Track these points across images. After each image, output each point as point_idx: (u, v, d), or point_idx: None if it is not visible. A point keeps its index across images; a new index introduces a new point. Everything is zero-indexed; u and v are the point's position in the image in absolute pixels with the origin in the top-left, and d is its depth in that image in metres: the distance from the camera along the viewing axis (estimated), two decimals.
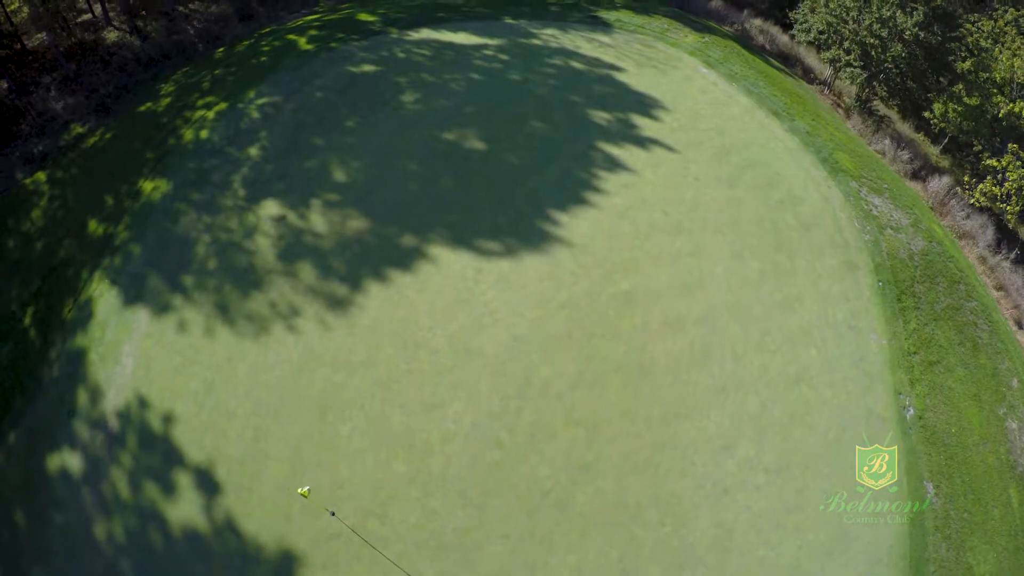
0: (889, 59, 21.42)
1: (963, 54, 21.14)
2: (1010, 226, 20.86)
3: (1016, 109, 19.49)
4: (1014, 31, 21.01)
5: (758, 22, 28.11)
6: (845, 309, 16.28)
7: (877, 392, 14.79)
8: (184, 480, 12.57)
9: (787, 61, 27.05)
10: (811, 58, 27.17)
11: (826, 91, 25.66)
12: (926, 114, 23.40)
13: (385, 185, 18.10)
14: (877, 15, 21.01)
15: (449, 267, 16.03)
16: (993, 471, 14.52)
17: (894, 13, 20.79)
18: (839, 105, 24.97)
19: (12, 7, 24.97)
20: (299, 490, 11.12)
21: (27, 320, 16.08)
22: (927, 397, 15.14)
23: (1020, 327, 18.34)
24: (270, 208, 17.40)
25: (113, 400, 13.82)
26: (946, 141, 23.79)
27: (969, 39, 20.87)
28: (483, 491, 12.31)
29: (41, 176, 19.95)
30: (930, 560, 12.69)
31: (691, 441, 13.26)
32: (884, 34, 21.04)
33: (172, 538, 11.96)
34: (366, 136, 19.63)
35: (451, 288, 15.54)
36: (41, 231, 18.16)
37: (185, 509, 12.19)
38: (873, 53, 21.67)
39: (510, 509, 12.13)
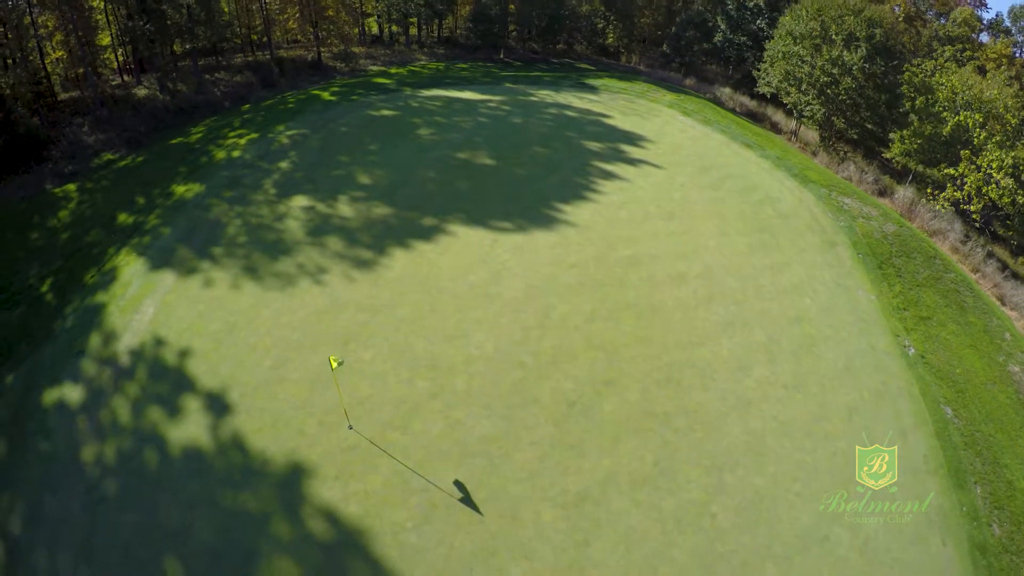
0: (843, 91, 25.98)
1: (912, 94, 25.63)
2: (976, 224, 23.40)
3: (961, 119, 23.38)
4: (953, 64, 26.03)
5: (728, 90, 33.94)
6: (831, 273, 17.87)
7: (875, 333, 15.74)
8: (192, 404, 12.43)
9: (756, 118, 32.34)
10: (778, 116, 32.34)
11: (793, 138, 30.22)
12: (886, 154, 27.48)
13: (406, 186, 20.44)
14: (827, 57, 26.03)
15: (467, 238, 17.63)
16: (1008, 407, 14.88)
17: (841, 53, 25.82)
18: (805, 148, 29.22)
19: (53, 56, 28.07)
20: (330, 359, 10.86)
21: (44, 288, 16.48)
22: (925, 343, 16.04)
23: (1003, 303, 19.74)
24: (299, 201, 19.30)
25: (127, 341, 14.07)
26: (910, 178, 27.39)
27: (915, 79, 25.53)
28: (508, 404, 12.36)
29: (71, 187, 21.36)
30: (968, 471, 12.51)
31: (708, 363, 13.77)
32: (835, 72, 25.86)
33: (168, 457, 11.47)
34: (387, 155, 22.57)
35: (470, 252, 16.96)
36: (67, 225, 19.12)
37: (188, 430, 11.90)
38: (828, 91, 26.31)
39: (536, 419, 12.10)
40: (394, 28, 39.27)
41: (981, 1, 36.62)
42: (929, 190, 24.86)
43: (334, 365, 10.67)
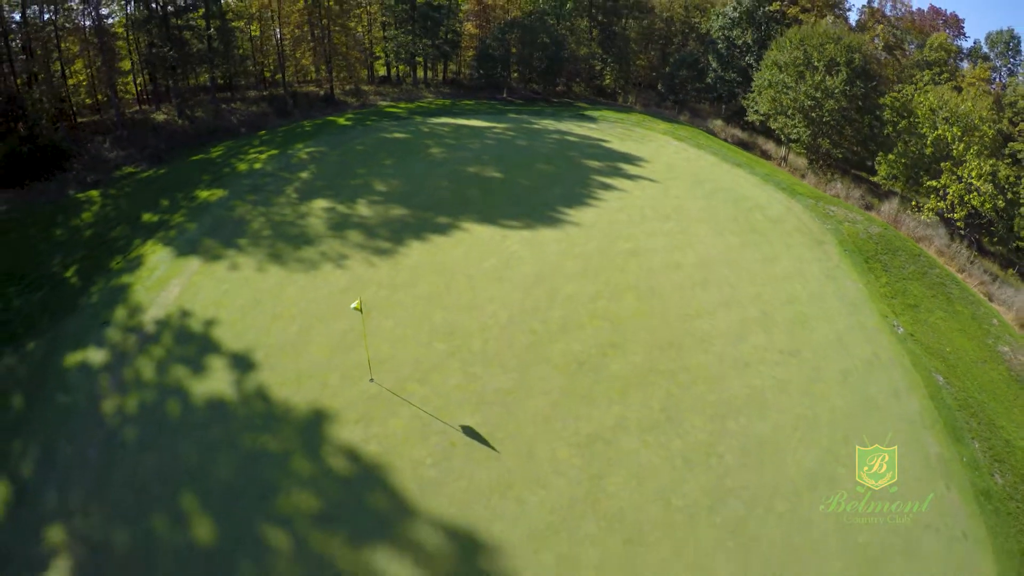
0: (826, 113, 28.40)
1: (894, 118, 27.98)
2: (961, 232, 24.95)
3: (940, 133, 25.51)
4: (931, 86, 28.62)
5: (719, 122, 36.74)
6: (819, 266, 19.20)
7: (864, 314, 16.82)
8: (217, 363, 13.21)
9: (746, 147, 34.95)
10: (768, 145, 34.86)
11: (782, 164, 32.51)
12: (874, 178, 29.61)
13: (420, 193, 22.19)
14: (810, 83, 28.67)
15: (479, 233, 19.11)
16: (1000, 382, 15.66)
17: (823, 78, 28.45)
18: (794, 172, 31.40)
19: (74, 80, 30.48)
20: (353, 304, 11.75)
21: (67, 273, 17.27)
22: (913, 325, 17.07)
23: (991, 300, 20.85)
24: (320, 203, 20.92)
25: (153, 313, 14.95)
26: (896, 200, 29.31)
27: (897, 104, 27.98)
28: (521, 362, 13.23)
29: (93, 193, 22.57)
30: (964, 429, 13.15)
31: (705, 332, 14.81)
32: (818, 96, 28.40)
33: (191, 408, 12.08)
34: (402, 168, 24.55)
35: (482, 244, 18.36)
36: (91, 224, 20.22)
37: (212, 384, 12.60)
38: (813, 114, 28.77)
39: (548, 374, 12.93)
40: (402, 68, 42.80)
41: (959, 30, 39.86)
42: (914, 203, 26.67)
43: (358, 306, 11.62)
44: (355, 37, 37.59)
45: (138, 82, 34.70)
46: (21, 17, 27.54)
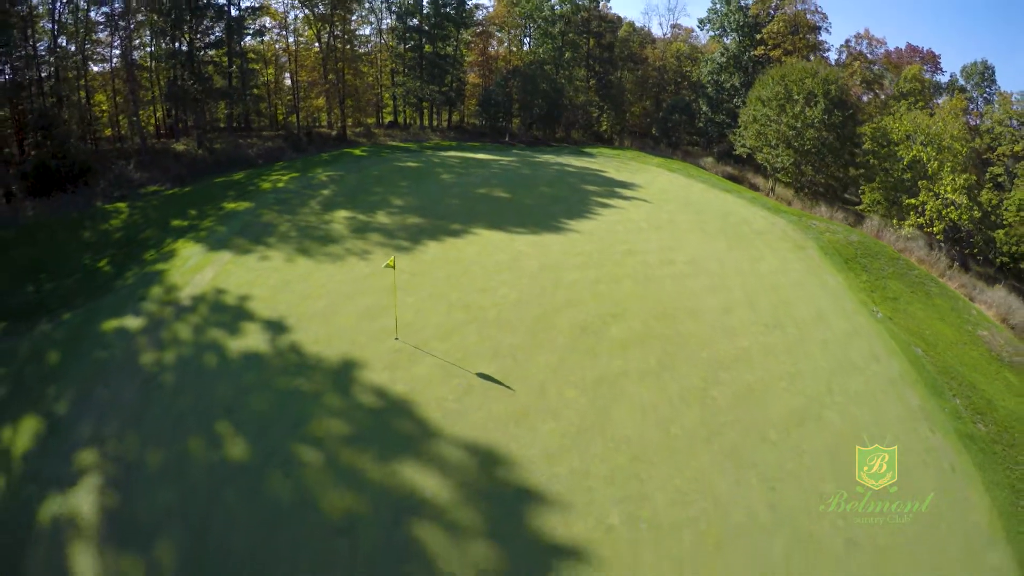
0: (807, 141, 31.41)
1: (874, 147, 30.91)
2: (941, 244, 27.04)
3: (916, 153, 28.22)
4: (907, 112, 31.80)
5: (710, 160, 40.07)
6: (801, 265, 21.20)
7: (845, 301, 18.55)
8: (251, 327, 14.71)
9: (736, 180, 37.86)
10: (757, 179, 37.87)
11: (770, 195, 35.24)
12: (859, 208, 32.19)
13: (435, 207, 24.69)
14: (791, 114, 31.94)
15: (489, 237, 21.32)
16: (980, 360, 17.04)
17: (803, 109, 31.73)
18: (780, 200, 34.06)
19: (97, 111, 33.66)
20: (386, 263, 13.55)
21: (100, 264, 18.84)
22: (893, 313, 18.64)
23: (972, 301, 22.51)
24: (342, 213, 23.27)
25: (188, 291, 16.60)
26: (878, 218, 31.75)
27: (877, 135, 31.01)
28: (530, 328, 14.84)
29: (121, 204, 24.62)
30: (944, 388, 14.44)
31: (697, 308, 16.58)
32: (799, 126, 31.56)
33: (227, 359, 13.42)
34: (416, 189, 27.28)
35: (492, 244, 20.49)
36: (120, 228, 22.17)
37: (246, 341, 14.03)
38: (795, 143, 31.83)
39: (555, 336, 14.50)
40: (409, 112, 47.04)
41: (936, 66, 43.30)
42: (895, 221, 29.01)
43: (391, 263, 13.44)
44: (367, 82, 41.89)
45: (157, 115, 38.29)
46: (51, 46, 30.90)
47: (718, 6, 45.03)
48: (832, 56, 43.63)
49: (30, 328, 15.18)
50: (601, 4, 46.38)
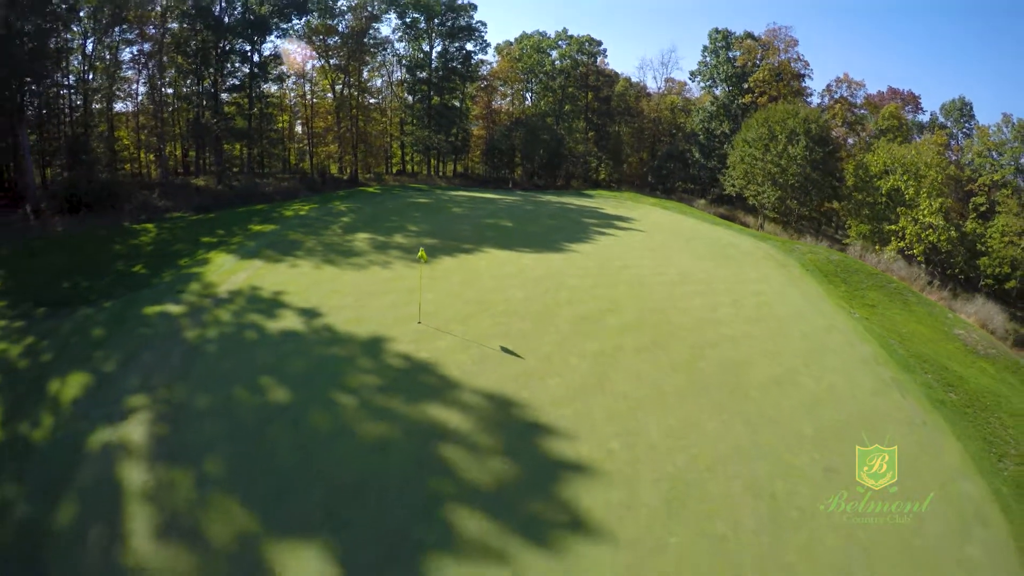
0: (791, 176, 34.61)
1: (857, 183, 34.02)
2: (922, 264, 29.38)
3: (892, 182, 31.17)
4: (885, 146, 35.18)
5: (702, 202, 43.37)
6: (783, 278, 23.52)
7: (824, 307, 20.67)
8: (286, 313, 16.81)
9: (727, 219, 40.78)
10: (747, 219, 40.95)
11: (761, 229, 38.13)
12: (846, 241, 35.00)
13: (447, 231, 27.54)
14: (774, 152, 35.38)
15: (497, 254, 23.91)
16: (956, 352, 18.87)
17: (785, 147, 35.17)
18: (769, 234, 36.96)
19: (119, 146, 36.96)
20: (420, 253, 16.10)
21: (136, 268, 20.93)
22: (871, 317, 20.62)
23: (951, 310, 24.48)
24: (363, 235, 26.04)
25: (225, 287, 18.85)
26: (860, 244, 34.35)
27: (859, 172, 34.20)
28: (537, 319, 16.93)
29: (148, 225, 27.16)
30: (916, 367, 16.16)
31: (686, 306, 18.79)
32: (782, 162, 34.90)
33: (266, 335, 15.43)
34: (429, 219, 30.34)
35: (500, 260, 23.05)
36: (150, 243, 24.51)
37: (283, 323, 16.11)
38: (779, 179, 35.09)
39: (558, 324, 16.54)
40: (417, 158, 51.22)
41: (917, 106, 47.00)
42: (877, 247, 31.54)
43: (423, 255, 15.74)
44: (378, 129, 46.33)
45: (176, 154, 42.08)
46: (80, 79, 34.75)
47: (707, 59, 50.31)
48: (815, 100, 47.73)
49: (72, 312, 17.11)
50: (599, 60, 52.06)
